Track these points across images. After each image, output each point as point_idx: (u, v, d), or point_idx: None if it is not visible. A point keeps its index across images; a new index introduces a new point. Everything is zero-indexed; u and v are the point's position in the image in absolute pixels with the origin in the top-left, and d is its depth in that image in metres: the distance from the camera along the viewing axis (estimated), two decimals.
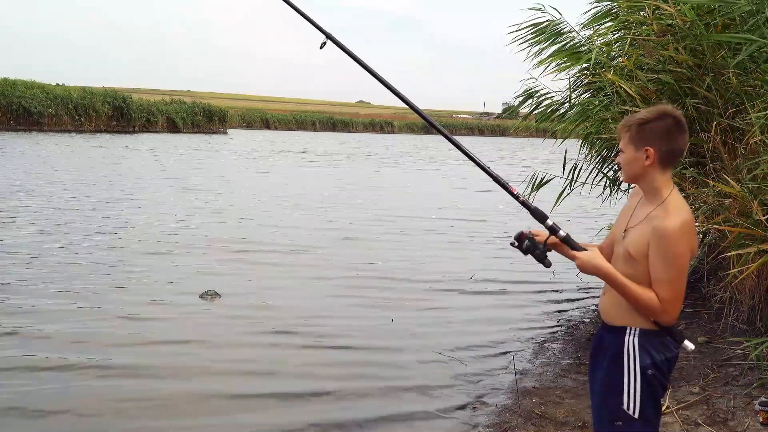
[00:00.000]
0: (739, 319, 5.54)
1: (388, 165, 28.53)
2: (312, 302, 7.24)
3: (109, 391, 4.81)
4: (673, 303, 2.34)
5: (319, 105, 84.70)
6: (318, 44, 2.99)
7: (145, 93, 59.97)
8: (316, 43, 3.03)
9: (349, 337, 6.20)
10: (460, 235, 11.77)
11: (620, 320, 2.46)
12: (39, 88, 39.66)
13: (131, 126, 43.73)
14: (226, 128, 52.07)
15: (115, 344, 5.69)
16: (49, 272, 7.74)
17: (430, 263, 9.40)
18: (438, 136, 2.88)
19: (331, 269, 8.74)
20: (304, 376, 5.29)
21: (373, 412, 4.69)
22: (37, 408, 4.49)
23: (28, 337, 5.69)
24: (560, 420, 4.39)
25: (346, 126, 73.58)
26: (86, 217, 11.44)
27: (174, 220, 11.77)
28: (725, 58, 5.30)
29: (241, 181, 19.25)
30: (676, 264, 2.31)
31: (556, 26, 7.34)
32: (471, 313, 7.14)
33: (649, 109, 2.47)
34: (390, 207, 15.13)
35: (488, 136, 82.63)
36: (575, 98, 7.53)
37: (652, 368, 2.39)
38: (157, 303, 6.85)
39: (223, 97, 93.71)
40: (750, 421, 4.01)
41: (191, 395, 4.84)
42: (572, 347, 6.08)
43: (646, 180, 2.44)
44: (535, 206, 2.61)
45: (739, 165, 5.15)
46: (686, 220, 2.35)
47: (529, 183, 7.75)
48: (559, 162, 7.67)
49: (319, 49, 2.97)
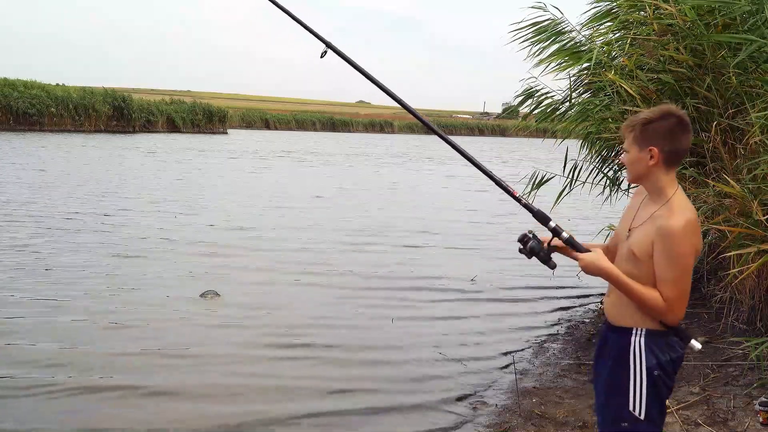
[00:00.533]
0: (739, 319, 5.54)
1: (388, 165, 28.52)
2: (312, 302, 7.24)
3: (109, 390, 4.81)
4: (678, 302, 2.33)
5: (319, 105, 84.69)
6: (318, 53, 3.01)
7: (145, 93, 59.95)
8: (315, 44, 3.04)
9: (348, 337, 6.20)
10: (459, 235, 11.76)
11: (625, 321, 2.46)
12: (39, 88, 39.64)
13: (131, 126, 43.73)
14: (226, 128, 52.09)
15: (115, 343, 5.70)
16: (49, 272, 7.75)
17: (430, 264, 9.39)
18: (436, 137, 2.88)
19: (332, 270, 8.74)
20: (303, 375, 5.29)
21: (372, 412, 4.69)
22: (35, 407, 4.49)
23: (27, 335, 5.70)
24: (560, 420, 4.39)
25: (346, 126, 73.58)
26: (87, 217, 11.45)
27: (175, 219, 11.77)
28: (725, 57, 5.30)
29: (241, 181, 19.24)
30: (680, 263, 2.31)
31: (557, 25, 7.35)
32: (471, 313, 7.13)
33: (653, 109, 2.47)
34: (390, 208, 15.14)
35: (488, 136, 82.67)
36: (575, 98, 7.53)
37: (657, 369, 2.38)
38: (157, 303, 6.85)
39: (223, 97, 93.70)
40: (750, 421, 4.00)
41: (191, 394, 4.84)
42: (572, 347, 6.08)
43: (651, 180, 2.43)
44: (537, 209, 2.60)
45: (739, 165, 5.14)
46: (691, 219, 2.34)
47: (529, 182, 7.75)
48: (559, 162, 7.67)
49: (319, 58, 2.99)
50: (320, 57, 2.99)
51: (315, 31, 3.03)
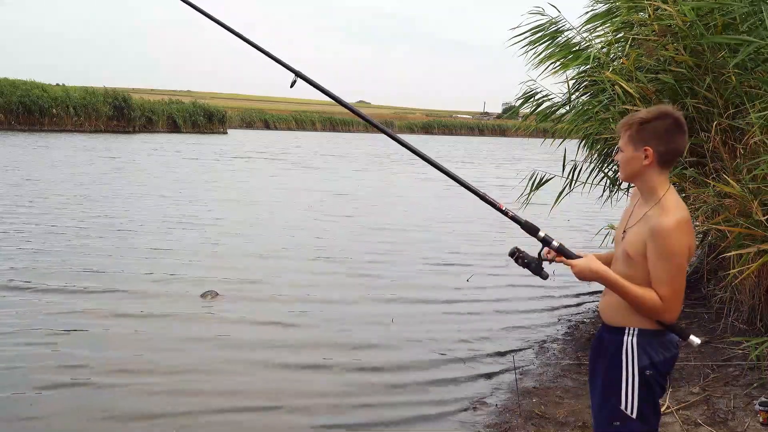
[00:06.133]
0: (739, 319, 5.54)
1: (388, 165, 28.51)
2: (312, 302, 7.24)
3: (108, 390, 4.81)
4: (674, 301, 2.34)
5: (319, 105, 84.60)
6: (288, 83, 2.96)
7: (145, 93, 59.91)
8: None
9: (348, 337, 6.20)
10: (459, 235, 11.77)
11: (619, 321, 2.47)
12: (39, 88, 39.66)
13: (131, 126, 43.74)
14: (226, 128, 52.10)
15: (115, 343, 5.70)
16: (48, 271, 7.76)
17: (429, 264, 9.39)
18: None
19: (332, 270, 8.75)
20: (303, 375, 5.30)
21: (372, 412, 4.69)
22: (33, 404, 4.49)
23: (24, 334, 5.70)
24: (560, 420, 4.39)
25: (346, 126, 73.56)
26: (86, 217, 11.45)
27: (175, 220, 11.78)
28: (725, 57, 5.30)
29: (242, 181, 19.23)
30: (674, 262, 2.32)
31: (555, 24, 7.37)
32: (471, 313, 7.14)
33: (650, 109, 2.47)
34: (390, 208, 15.14)
35: (488, 136, 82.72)
36: (575, 99, 7.54)
37: (650, 368, 2.39)
38: (157, 302, 6.85)
39: (223, 97, 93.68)
40: (750, 421, 4.01)
41: (191, 394, 4.83)
42: (572, 347, 6.08)
43: (643, 179, 2.45)
44: (525, 220, 2.59)
45: (739, 165, 5.14)
46: (682, 218, 2.35)
47: (528, 182, 7.75)
48: (558, 162, 7.67)
49: (290, 87, 2.97)
50: (290, 86, 2.98)
51: (284, 61, 3.04)
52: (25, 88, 38.63)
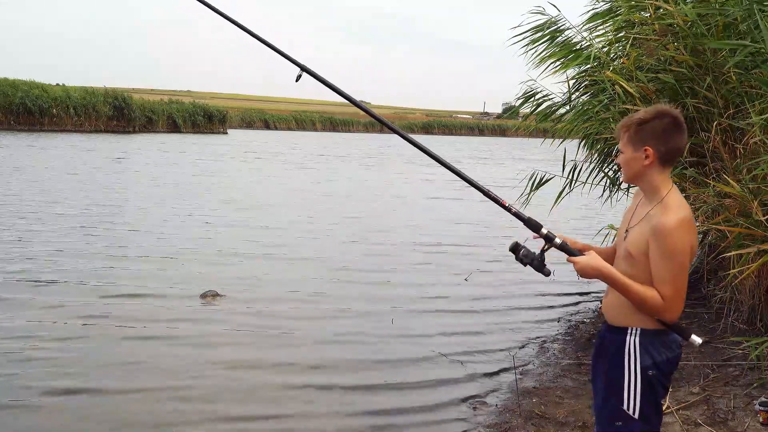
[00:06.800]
0: (739, 319, 5.54)
1: (388, 165, 28.51)
2: (312, 301, 7.24)
3: (107, 391, 4.82)
4: (676, 300, 2.34)
5: (319, 105, 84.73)
6: (294, 77, 2.98)
7: (145, 93, 59.91)
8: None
9: (348, 337, 6.20)
10: (459, 235, 11.77)
11: (621, 320, 2.47)
12: (39, 88, 39.66)
13: (131, 126, 43.73)
14: (226, 128, 52.11)
15: (115, 343, 5.70)
16: (48, 269, 7.76)
17: (429, 264, 9.40)
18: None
19: (332, 270, 8.74)
20: (303, 375, 5.29)
21: (372, 412, 4.69)
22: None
23: (25, 336, 5.70)
24: (560, 420, 4.39)
25: (346, 126, 73.56)
26: (86, 218, 11.45)
27: (175, 220, 11.77)
28: (726, 57, 5.30)
29: (242, 181, 19.24)
30: (676, 261, 2.31)
31: (555, 24, 7.37)
32: (471, 313, 7.14)
33: (647, 109, 2.47)
34: (389, 208, 15.14)
35: (488, 136, 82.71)
36: (575, 99, 7.54)
37: (653, 368, 2.39)
38: (157, 302, 6.85)
39: (223, 97, 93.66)
40: (750, 421, 4.00)
41: (191, 395, 4.83)
42: (572, 347, 6.08)
43: (646, 179, 2.45)
44: (528, 216, 2.58)
45: (739, 165, 5.14)
46: (685, 217, 2.35)
47: (528, 181, 7.74)
48: (558, 162, 7.67)
49: (295, 81, 2.98)
50: (295, 80, 2.98)
51: (290, 56, 3.04)
52: (25, 88, 38.64)
